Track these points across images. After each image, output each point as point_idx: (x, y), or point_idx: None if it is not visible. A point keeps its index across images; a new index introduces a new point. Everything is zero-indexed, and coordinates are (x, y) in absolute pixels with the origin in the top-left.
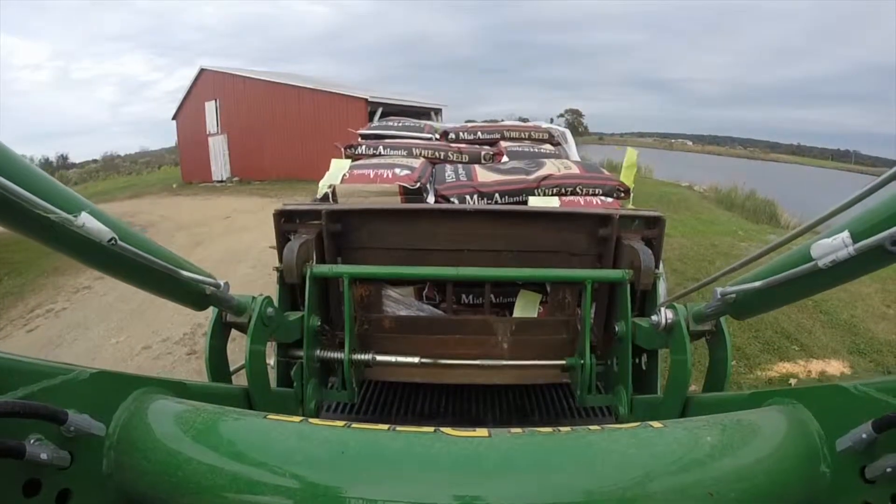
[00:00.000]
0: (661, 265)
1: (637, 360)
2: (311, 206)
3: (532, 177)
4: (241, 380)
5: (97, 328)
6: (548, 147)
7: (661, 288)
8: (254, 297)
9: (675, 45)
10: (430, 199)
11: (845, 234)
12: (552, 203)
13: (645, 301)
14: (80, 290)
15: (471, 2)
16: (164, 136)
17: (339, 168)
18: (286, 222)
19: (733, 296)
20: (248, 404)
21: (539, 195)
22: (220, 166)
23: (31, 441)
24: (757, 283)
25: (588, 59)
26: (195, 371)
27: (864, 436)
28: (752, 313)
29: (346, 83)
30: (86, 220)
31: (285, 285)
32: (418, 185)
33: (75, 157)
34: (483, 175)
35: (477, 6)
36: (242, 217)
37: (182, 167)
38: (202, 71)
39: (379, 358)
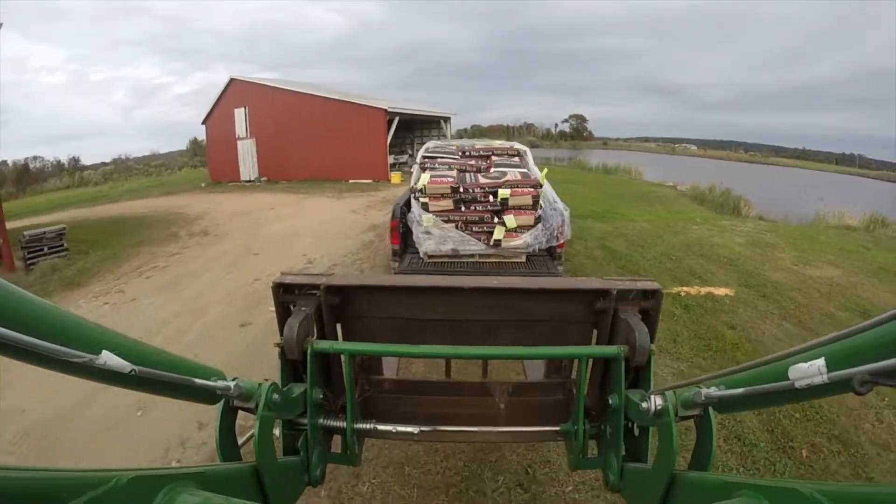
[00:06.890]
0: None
1: (630, 425)
2: (309, 279)
3: (501, 181)
4: (248, 446)
5: (206, 275)
6: (516, 160)
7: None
8: (259, 384)
9: (679, 51)
10: (460, 189)
11: (821, 362)
12: (506, 192)
13: (639, 374)
14: (172, 255)
15: (479, 11)
16: (175, 140)
17: (424, 177)
18: (285, 293)
19: (716, 399)
20: (257, 480)
21: (504, 188)
22: (248, 167)
23: None
24: (738, 391)
25: (593, 65)
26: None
27: None
28: (733, 411)
29: (367, 94)
30: (107, 359)
31: (286, 360)
32: (459, 185)
33: (86, 160)
34: (481, 180)
35: (485, 15)
36: (285, 208)
37: (210, 167)
38: (232, 80)
39: (380, 427)
